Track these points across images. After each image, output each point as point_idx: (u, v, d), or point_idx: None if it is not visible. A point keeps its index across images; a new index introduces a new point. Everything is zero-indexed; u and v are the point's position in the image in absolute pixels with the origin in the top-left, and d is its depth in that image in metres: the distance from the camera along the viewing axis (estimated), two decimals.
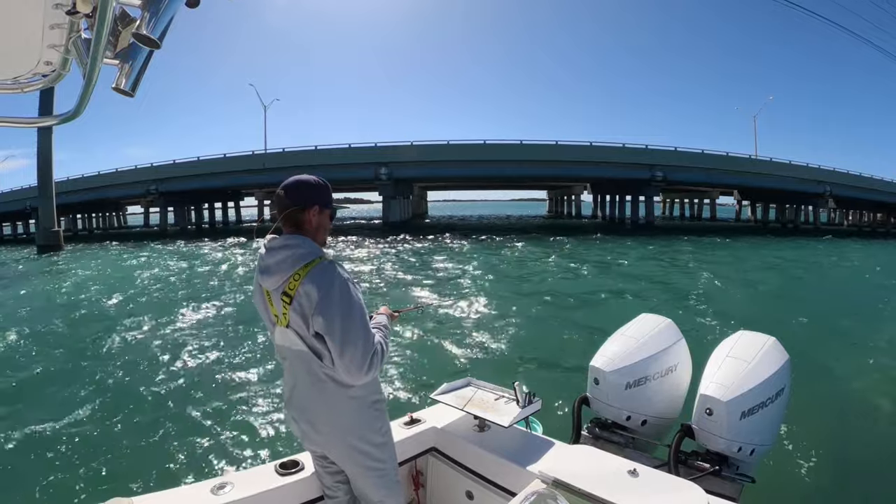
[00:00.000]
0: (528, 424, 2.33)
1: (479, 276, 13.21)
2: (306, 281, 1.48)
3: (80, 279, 14.47)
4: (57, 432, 4.30)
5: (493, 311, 8.93)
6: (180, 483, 3.27)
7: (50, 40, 0.98)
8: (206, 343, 7.00)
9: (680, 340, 2.59)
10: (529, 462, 1.90)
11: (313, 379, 1.56)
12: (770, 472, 3.26)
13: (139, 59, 1.05)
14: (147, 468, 3.66)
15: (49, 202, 27.72)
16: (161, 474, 3.57)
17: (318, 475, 1.76)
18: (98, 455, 3.87)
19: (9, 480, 3.61)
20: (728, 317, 8.17)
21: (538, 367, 5.99)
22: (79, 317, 9.18)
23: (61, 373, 5.96)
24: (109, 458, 3.81)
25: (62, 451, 3.97)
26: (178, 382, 5.45)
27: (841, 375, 5.66)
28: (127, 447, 4.00)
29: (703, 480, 1.92)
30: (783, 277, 14.08)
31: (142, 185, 38.55)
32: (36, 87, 1.14)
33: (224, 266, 16.35)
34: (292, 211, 1.57)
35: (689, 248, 21.57)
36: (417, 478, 2.24)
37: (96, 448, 3.99)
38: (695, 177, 39.21)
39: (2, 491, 3.50)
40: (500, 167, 38.41)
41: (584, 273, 14.37)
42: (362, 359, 1.46)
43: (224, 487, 1.71)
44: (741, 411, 2.07)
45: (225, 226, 46.27)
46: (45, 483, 3.50)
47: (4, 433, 4.26)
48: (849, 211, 48.44)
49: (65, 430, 4.32)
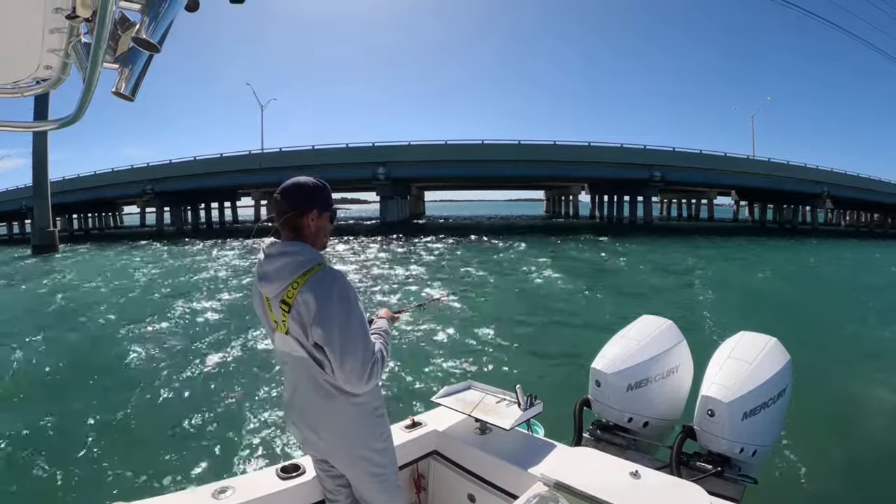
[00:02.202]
0: (530, 427, 2.33)
1: (478, 277, 13.22)
2: (305, 289, 1.47)
3: (74, 280, 14.41)
4: (55, 437, 4.27)
5: (492, 313, 8.92)
6: (181, 487, 3.26)
7: (50, 44, 0.98)
8: (203, 346, 6.97)
9: (681, 342, 2.59)
10: (531, 464, 1.89)
11: (314, 385, 1.55)
12: (772, 473, 3.27)
13: (139, 63, 1.04)
14: (147, 473, 3.63)
15: (44, 202, 27.57)
16: (161, 479, 3.55)
17: (320, 479, 1.75)
18: (97, 460, 3.85)
19: (8, 485, 3.59)
20: (729, 317, 8.19)
21: (539, 369, 5.99)
22: (71, 320, 9.10)
23: (57, 377, 5.93)
24: (109, 463, 3.79)
25: (60, 456, 3.94)
26: (177, 386, 5.42)
27: (843, 375, 5.67)
28: (126, 452, 3.97)
29: (705, 482, 1.91)
30: (783, 277, 14.13)
31: (138, 185, 38.44)
32: (36, 92, 1.13)
33: (222, 267, 16.32)
34: (290, 216, 1.55)
35: (688, 248, 21.63)
36: (419, 481, 2.23)
37: (95, 453, 3.97)
38: (693, 177, 39.29)
39: (1, 495, 3.48)
40: (497, 167, 38.45)
41: (584, 274, 14.38)
42: (362, 368, 1.45)
43: (225, 492, 1.70)
44: (743, 412, 2.07)
45: (222, 226, 46.15)
46: (45, 488, 3.48)
47: (3, 438, 4.24)
48: (846, 211, 48.64)
49: (63, 436, 4.30)
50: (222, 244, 24.36)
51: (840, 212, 48.56)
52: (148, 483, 3.49)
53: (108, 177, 39.65)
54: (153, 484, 3.48)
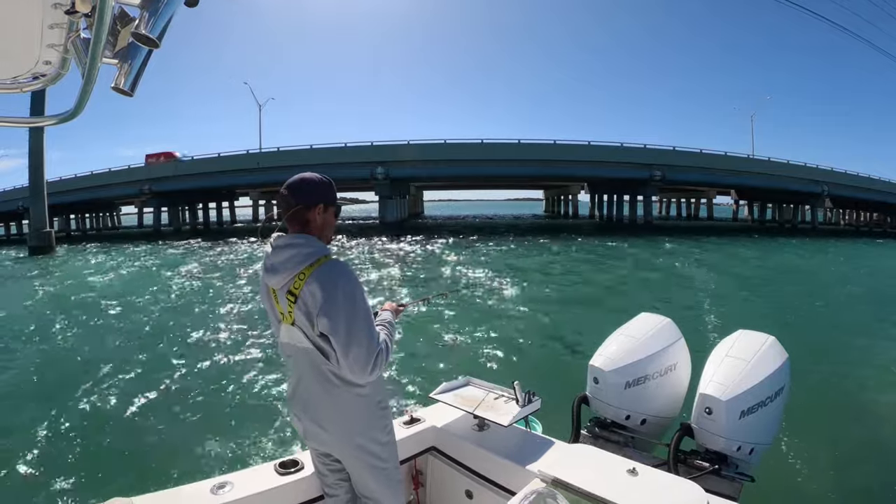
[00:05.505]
0: (528, 423, 2.33)
1: (478, 277, 13.22)
2: (311, 280, 1.49)
3: (69, 281, 14.38)
4: (54, 434, 4.27)
5: (491, 309, 8.94)
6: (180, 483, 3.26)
7: (49, 40, 0.98)
8: (202, 343, 6.97)
9: (679, 340, 2.60)
10: (529, 461, 1.90)
11: (319, 377, 1.56)
12: (770, 470, 3.26)
13: (138, 58, 1.04)
14: (146, 468, 3.65)
15: (41, 202, 27.42)
16: (160, 474, 3.56)
17: (319, 473, 1.75)
18: (97, 455, 3.86)
19: (8, 482, 3.59)
20: (727, 316, 8.20)
21: (537, 365, 6.01)
22: (68, 320, 9.07)
23: (54, 375, 5.92)
24: (108, 458, 3.80)
25: (60, 452, 3.95)
26: (176, 382, 5.43)
27: (841, 374, 5.69)
28: (126, 447, 3.98)
29: (702, 479, 1.92)
30: (782, 276, 14.15)
31: (135, 185, 38.29)
32: (35, 87, 1.13)
33: (220, 266, 16.30)
34: (297, 210, 1.57)
35: (688, 248, 21.66)
36: (417, 477, 2.24)
37: (95, 448, 3.98)
38: (693, 176, 39.19)
39: (2, 492, 3.48)
40: (497, 166, 38.36)
41: (583, 272, 14.40)
42: (367, 359, 1.47)
43: (224, 487, 1.70)
44: (740, 410, 2.08)
45: (220, 226, 46.05)
46: (44, 484, 3.48)
47: (2, 437, 4.24)
48: (845, 211, 48.68)
49: (62, 432, 4.30)
50: (219, 245, 24.31)
51: (839, 211, 48.60)
52: (147, 478, 3.48)
53: (106, 177, 39.49)
54: (152, 479, 3.48)
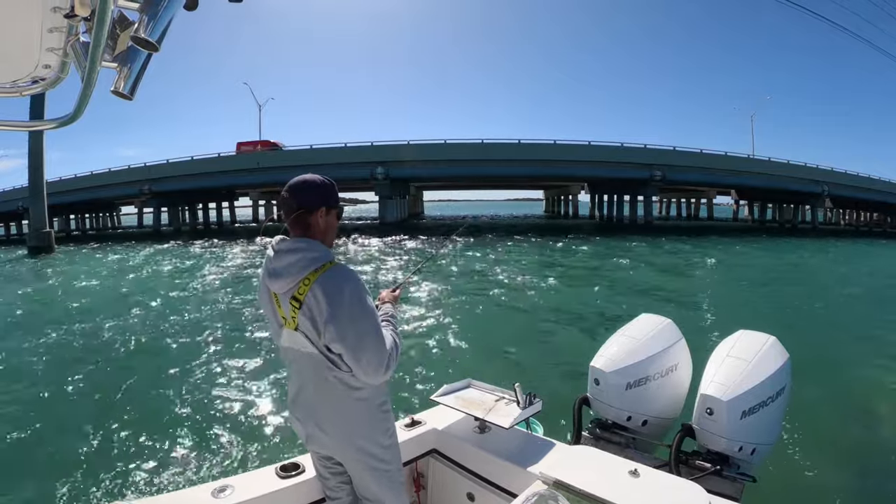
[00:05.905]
0: (529, 425, 2.33)
1: (478, 276, 13.21)
2: (316, 286, 1.47)
3: (68, 282, 14.36)
4: (55, 437, 4.27)
5: (492, 311, 8.93)
6: (180, 487, 3.26)
7: (48, 44, 0.98)
8: (202, 346, 6.96)
9: (680, 340, 2.60)
10: (530, 463, 1.89)
11: (320, 381, 1.55)
12: (771, 471, 3.26)
13: (138, 61, 1.04)
14: (146, 472, 3.63)
15: (40, 202, 27.38)
16: (161, 478, 3.55)
17: (321, 477, 1.75)
18: (97, 459, 3.85)
19: (8, 485, 3.58)
20: (728, 316, 8.20)
21: (538, 367, 5.99)
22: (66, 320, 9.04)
23: (56, 376, 5.91)
24: (108, 462, 3.78)
25: (60, 455, 3.94)
26: (176, 386, 5.40)
27: (842, 373, 5.68)
28: (126, 451, 3.97)
29: (704, 480, 1.92)
30: (782, 276, 14.15)
31: (135, 185, 38.27)
32: (35, 91, 1.13)
33: (219, 268, 16.29)
34: (299, 213, 1.55)
35: (688, 248, 21.65)
36: (418, 479, 2.24)
37: (95, 452, 3.97)
38: (693, 176, 39.13)
39: (1, 495, 3.47)
40: (497, 166, 38.34)
41: (584, 273, 14.39)
42: (379, 361, 1.47)
43: (224, 490, 1.70)
44: (742, 411, 2.08)
45: (219, 226, 46.03)
46: (45, 487, 3.47)
47: (2, 437, 4.23)
48: (845, 211, 48.66)
49: (63, 435, 4.29)
50: (223, 245, 24.30)
51: (839, 211, 48.58)
52: (147, 482, 3.48)
53: (105, 177, 39.45)
54: (152, 482, 3.48)
